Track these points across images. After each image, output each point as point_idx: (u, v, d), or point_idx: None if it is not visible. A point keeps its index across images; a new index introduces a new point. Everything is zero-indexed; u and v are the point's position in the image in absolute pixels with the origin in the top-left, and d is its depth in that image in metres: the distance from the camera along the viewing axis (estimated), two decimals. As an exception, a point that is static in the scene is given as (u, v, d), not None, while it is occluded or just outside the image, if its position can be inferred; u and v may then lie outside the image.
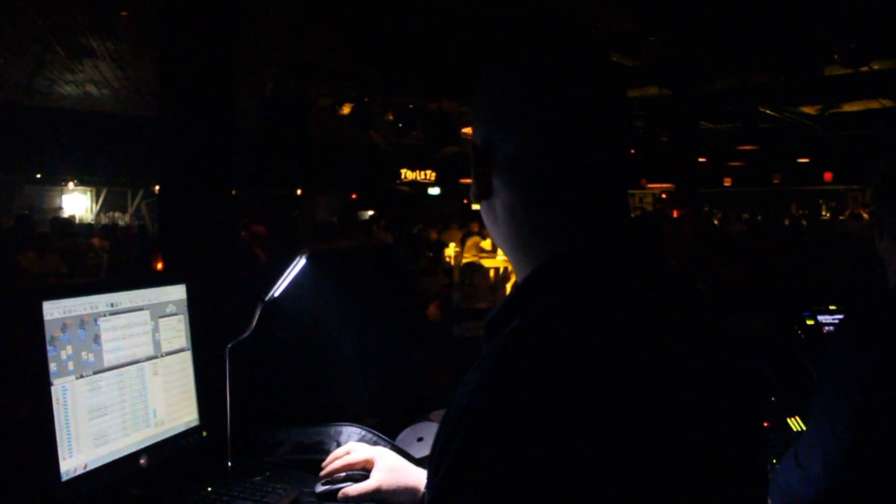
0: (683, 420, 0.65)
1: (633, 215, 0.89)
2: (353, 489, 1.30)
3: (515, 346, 0.64)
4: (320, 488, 1.36)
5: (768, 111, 11.71)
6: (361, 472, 1.34)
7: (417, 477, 1.30)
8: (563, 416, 0.59)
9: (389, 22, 6.88)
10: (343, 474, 1.35)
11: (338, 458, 1.37)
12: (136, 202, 17.36)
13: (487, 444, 0.59)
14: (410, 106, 9.68)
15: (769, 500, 1.42)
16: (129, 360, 1.37)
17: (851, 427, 1.27)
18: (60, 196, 17.13)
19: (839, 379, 1.31)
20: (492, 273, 9.34)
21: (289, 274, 1.55)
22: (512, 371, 0.62)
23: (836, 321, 2.21)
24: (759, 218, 14.27)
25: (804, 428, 1.85)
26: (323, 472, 1.38)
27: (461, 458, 0.61)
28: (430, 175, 17.50)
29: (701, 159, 12.79)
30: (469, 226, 11.70)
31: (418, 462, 1.43)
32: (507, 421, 0.59)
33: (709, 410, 0.68)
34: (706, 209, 15.98)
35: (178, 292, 1.52)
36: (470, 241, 10.75)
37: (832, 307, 2.35)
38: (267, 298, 1.53)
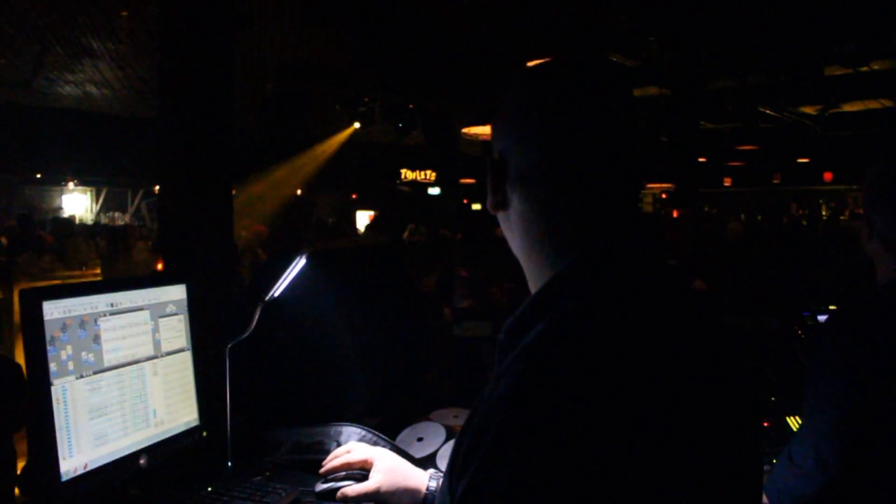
0: (704, 427, 0.67)
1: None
2: (351, 489, 1.30)
3: (543, 352, 0.65)
4: (320, 487, 1.36)
5: (768, 111, 11.71)
6: (361, 471, 1.34)
7: (417, 478, 1.30)
8: (591, 424, 0.60)
9: (389, 22, 6.88)
10: (343, 473, 1.35)
11: (337, 457, 1.37)
12: (136, 202, 17.36)
13: (515, 449, 0.60)
14: (411, 106, 9.68)
15: (766, 499, 1.42)
16: (129, 360, 1.37)
17: (843, 423, 1.28)
18: (60, 196, 17.12)
19: (830, 375, 1.33)
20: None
21: (289, 274, 1.55)
22: (541, 378, 0.63)
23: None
24: (759, 218, 14.28)
25: (803, 427, 1.85)
26: (322, 471, 1.38)
27: (488, 464, 0.61)
28: (430, 175, 17.50)
29: (701, 159, 12.79)
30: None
31: (418, 462, 1.43)
32: (536, 427, 0.60)
33: (721, 417, 0.70)
34: (706, 209, 15.99)
35: (178, 292, 1.52)
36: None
37: (832, 307, 2.35)
38: (267, 298, 1.53)
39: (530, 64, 0.84)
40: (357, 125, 10.20)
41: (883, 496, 1.28)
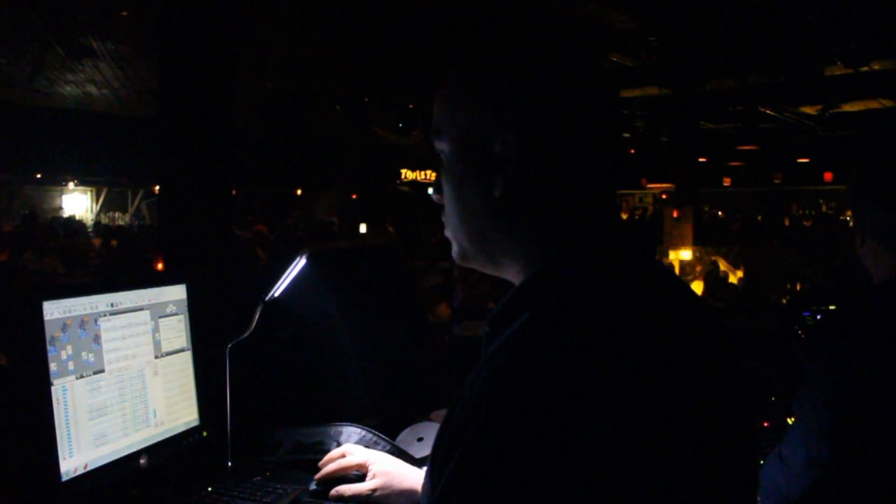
0: (690, 421, 0.65)
1: (633, 216, 0.90)
2: (347, 488, 1.31)
3: (530, 341, 0.63)
4: (314, 486, 1.36)
5: (768, 111, 11.72)
6: (357, 474, 1.35)
7: (413, 480, 1.30)
8: (575, 421, 0.59)
9: (388, 21, 6.88)
10: (339, 475, 1.36)
11: (333, 461, 1.37)
12: (136, 202, 17.37)
13: (502, 440, 0.58)
14: (411, 106, 9.68)
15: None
16: (129, 360, 1.37)
17: (835, 422, 1.28)
18: (60, 196, 17.13)
19: (823, 374, 1.33)
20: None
21: (289, 274, 1.55)
22: (527, 367, 0.61)
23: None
24: (759, 218, 14.29)
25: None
26: (318, 476, 1.38)
27: (473, 455, 0.59)
28: (431, 175, 17.50)
29: (701, 159, 12.81)
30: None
31: (418, 462, 1.43)
32: (523, 417, 0.58)
33: (711, 412, 0.69)
34: (706, 209, 15.99)
35: (178, 292, 1.52)
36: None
37: (832, 307, 2.35)
38: (267, 298, 1.53)
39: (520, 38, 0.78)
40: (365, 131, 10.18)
41: (871, 494, 1.29)
